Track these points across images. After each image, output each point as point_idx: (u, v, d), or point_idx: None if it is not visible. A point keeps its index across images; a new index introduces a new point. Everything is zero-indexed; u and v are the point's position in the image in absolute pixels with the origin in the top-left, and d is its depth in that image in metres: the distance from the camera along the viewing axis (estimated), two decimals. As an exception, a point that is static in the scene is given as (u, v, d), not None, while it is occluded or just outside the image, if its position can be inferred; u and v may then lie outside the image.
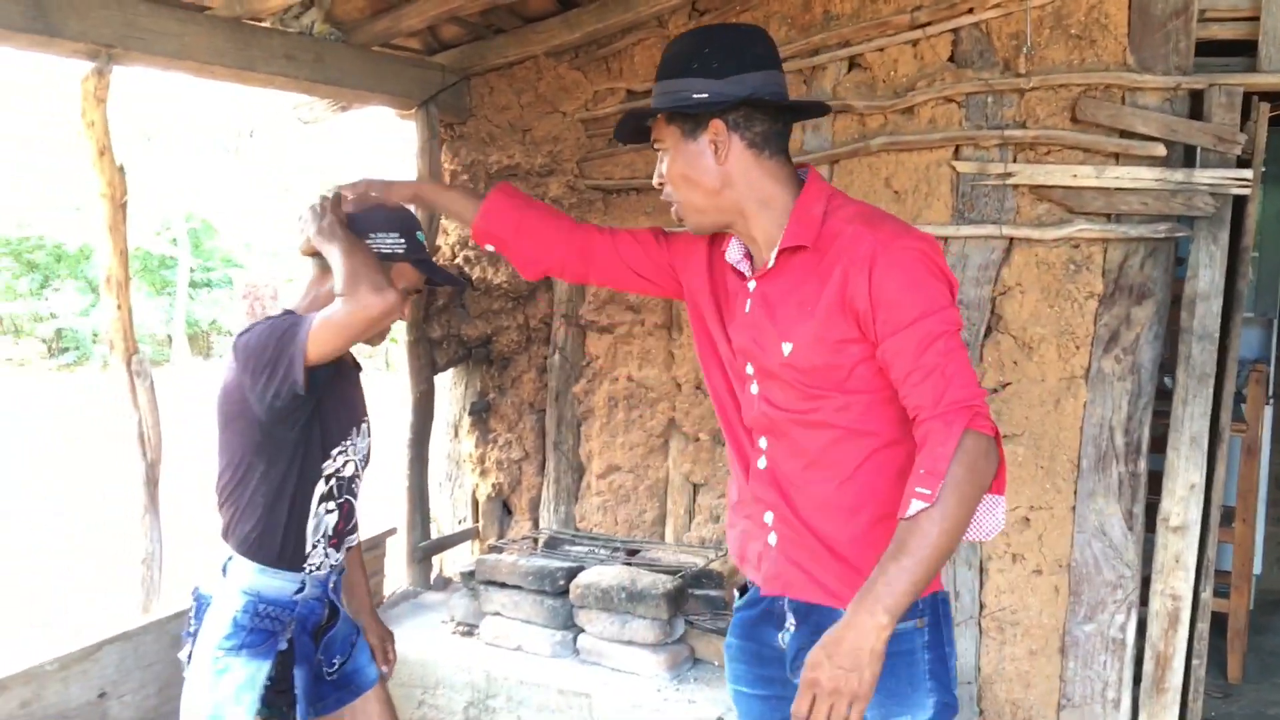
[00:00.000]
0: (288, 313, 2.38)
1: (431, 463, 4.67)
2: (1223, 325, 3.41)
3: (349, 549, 2.60)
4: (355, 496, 2.54)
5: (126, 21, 3.17)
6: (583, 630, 3.77)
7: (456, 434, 4.92)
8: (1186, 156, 3.44)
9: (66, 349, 22.25)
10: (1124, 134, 3.44)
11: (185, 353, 22.29)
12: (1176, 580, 3.43)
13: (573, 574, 3.84)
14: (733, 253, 1.99)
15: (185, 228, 22.22)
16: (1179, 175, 3.36)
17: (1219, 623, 4.47)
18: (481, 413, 4.71)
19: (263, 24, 3.64)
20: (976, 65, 3.63)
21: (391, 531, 4.53)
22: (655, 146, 1.95)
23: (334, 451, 2.43)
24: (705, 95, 1.82)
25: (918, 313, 1.70)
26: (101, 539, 7.52)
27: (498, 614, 3.92)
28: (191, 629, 2.39)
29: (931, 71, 3.68)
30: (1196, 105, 3.41)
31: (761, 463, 1.96)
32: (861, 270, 1.74)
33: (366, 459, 2.57)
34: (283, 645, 2.39)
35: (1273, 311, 5.54)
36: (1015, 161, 3.58)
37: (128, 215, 3.32)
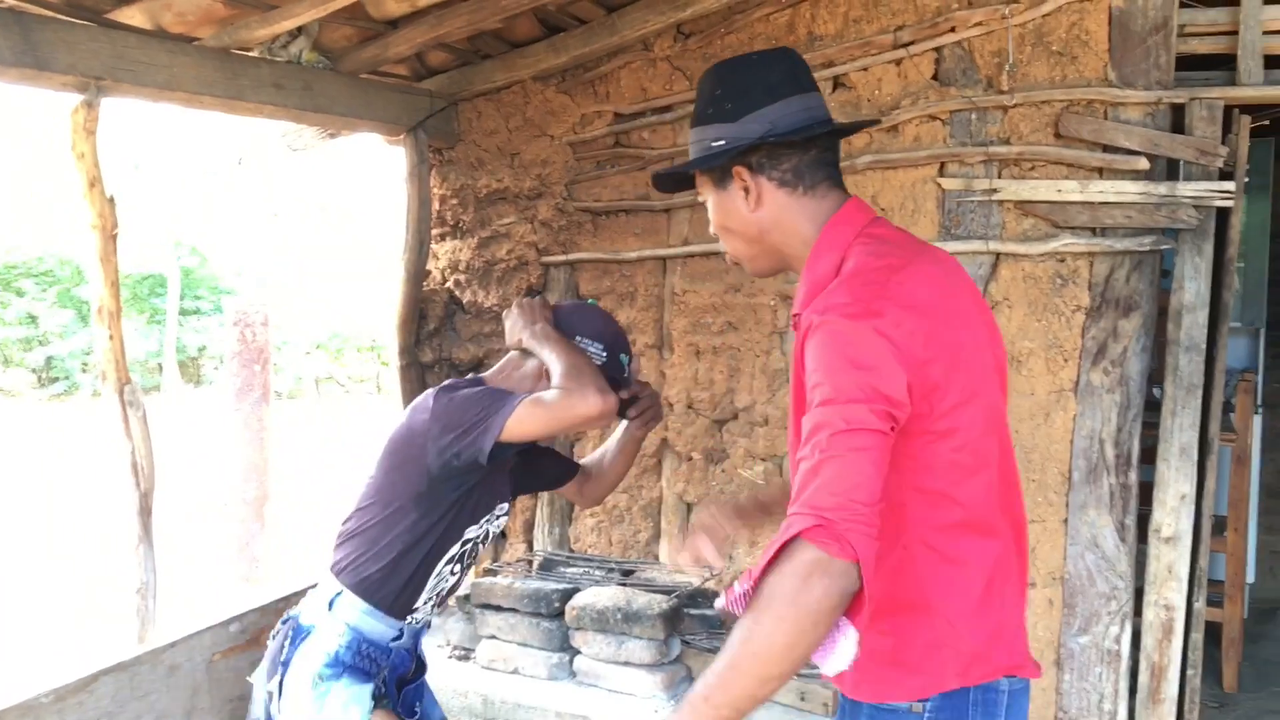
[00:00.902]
0: (477, 380, 2.43)
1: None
2: (1209, 336, 3.44)
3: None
4: (469, 566, 2.54)
5: (116, 54, 3.19)
6: (579, 652, 3.77)
7: (450, 458, 4.92)
8: (1169, 170, 3.47)
9: (56, 379, 22.17)
10: (1107, 148, 3.47)
11: (176, 380, 22.22)
12: (1170, 591, 3.45)
13: (568, 596, 3.84)
14: (797, 303, 1.80)
15: (175, 255, 22.20)
16: (1162, 188, 3.39)
17: (1213, 632, 4.49)
18: (474, 436, 4.71)
19: (251, 54, 3.66)
20: (960, 83, 3.66)
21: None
22: (699, 198, 1.86)
23: (482, 519, 2.43)
24: (722, 142, 1.72)
25: (817, 398, 1.52)
26: (96, 569, 7.49)
27: (494, 637, 3.92)
28: (283, 657, 2.34)
29: (915, 90, 3.71)
30: (1178, 119, 3.45)
31: None
32: (803, 345, 1.60)
33: (494, 535, 2.59)
34: (378, 687, 2.36)
35: (1259, 321, 5.57)
36: (1000, 177, 3.61)
37: (118, 246, 3.33)
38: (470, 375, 2.48)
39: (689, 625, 3.84)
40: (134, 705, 3.25)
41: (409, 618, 2.40)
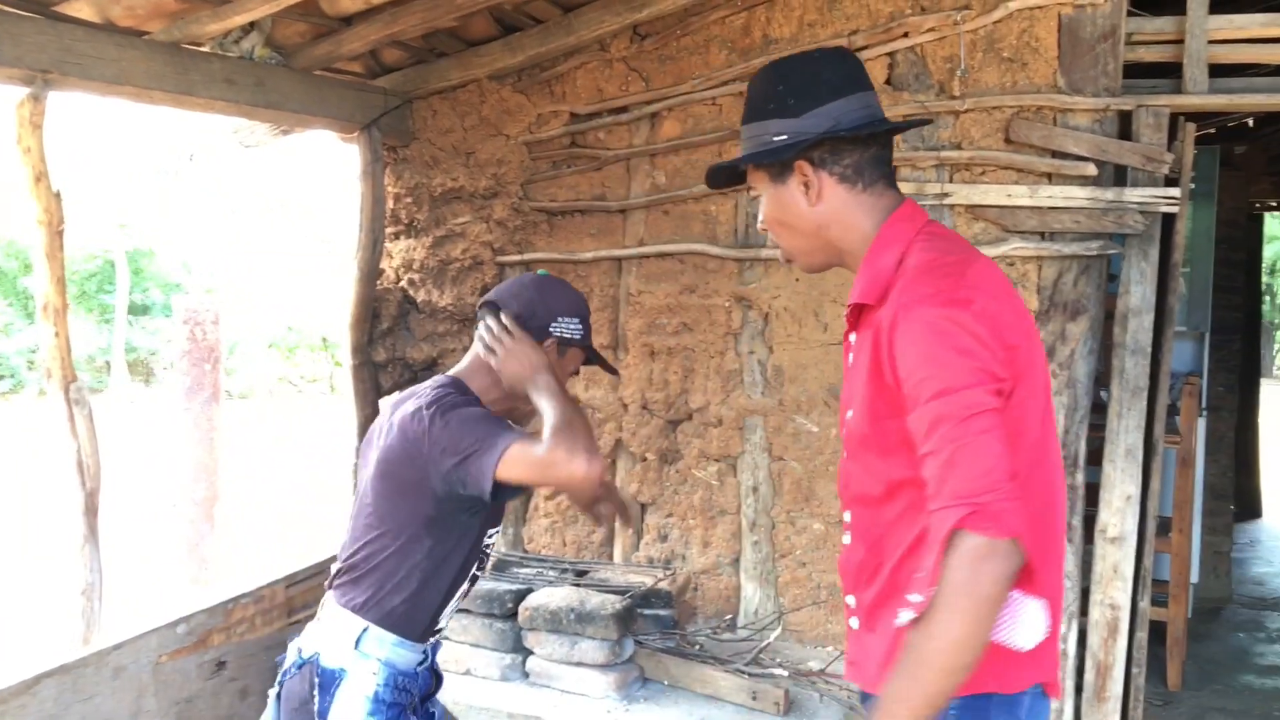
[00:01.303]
0: (462, 388, 2.34)
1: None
2: (1155, 339, 3.50)
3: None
4: (474, 580, 2.47)
5: (63, 47, 3.14)
6: (532, 653, 3.76)
7: (403, 458, 4.89)
8: (1117, 176, 3.53)
9: (1, 376, 21.78)
10: (1056, 154, 3.52)
11: (125, 379, 21.91)
12: (1115, 590, 3.50)
13: (521, 596, 3.83)
14: (856, 294, 1.80)
15: (123, 252, 21.88)
16: (1110, 194, 3.44)
17: (1158, 631, 4.56)
18: (428, 436, 4.68)
19: (202, 49, 3.62)
20: (912, 88, 3.70)
21: (335, 559, 4.49)
22: (750, 194, 1.85)
23: (492, 531, 2.39)
24: (785, 136, 1.72)
25: (931, 391, 1.52)
26: (39, 570, 7.37)
27: (446, 638, 3.90)
28: (317, 707, 2.26)
29: (869, 94, 3.74)
30: (1125, 126, 3.51)
31: (846, 538, 1.84)
32: (884, 338, 1.61)
33: (494, 550, 2.60)
34: (413, 718, 2.32)
35: (1204, 325, 5.67)
36: (951, 182, 3.65)
37: (64, 242, 3.28)
38: (449, 377, 2.38)
39: (642, 625, 3.84)
40: (77, 708, 3.20)
41: (431, 639, 2.36)
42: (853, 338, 1.81)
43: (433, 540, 2.27)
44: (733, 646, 3.82)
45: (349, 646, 2.28)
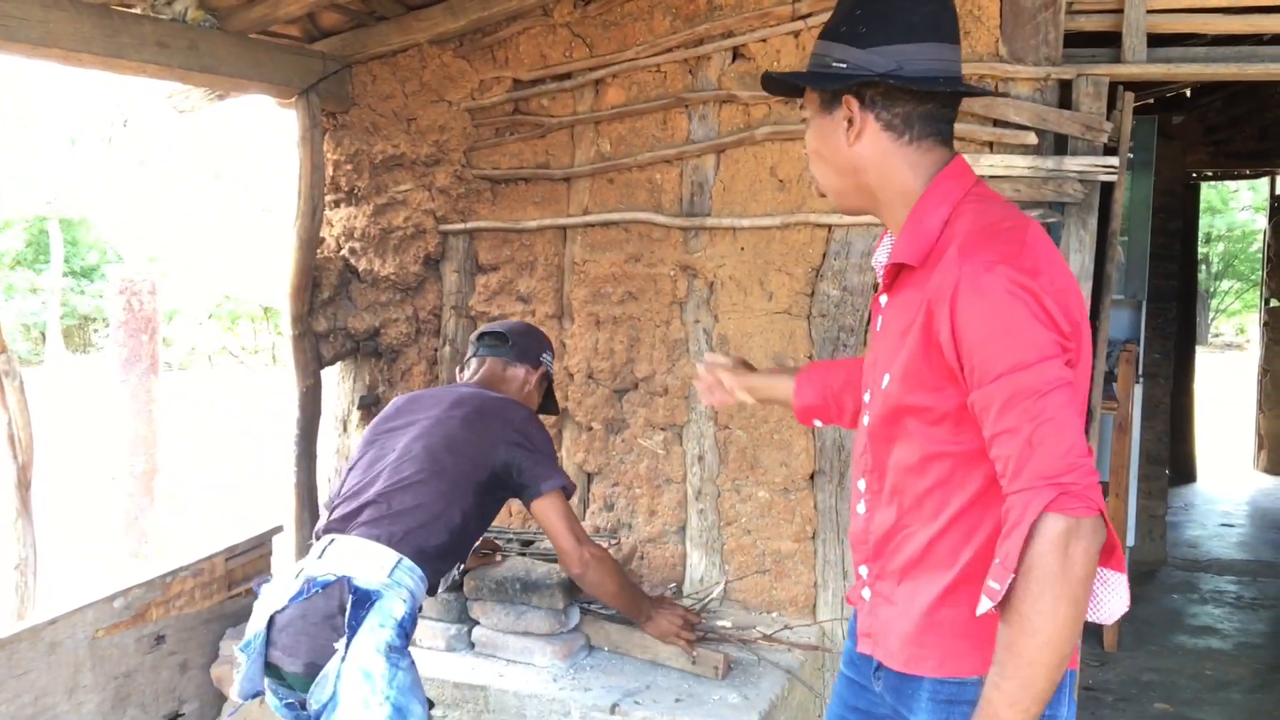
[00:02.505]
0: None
1: (320, 458, 4.59)
2: (1093, 307, 3.54)
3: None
4: None
5: (-15, 7, 3.04)
6: (478, 623, 3.75)
7: (345, 429, 4.84)
8: (1057, 145, 3.55)
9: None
10: (997, 123, 3.54)
11: (60, 349, 21.49)
12: (1053, 554, 3.55)
13: (466, 567, 3.82)
14: (880, 254, 1.79)
15: (57, 222, 21.40)
16: (1050, 163, 3.47)
17: (1094, 594, 4.65)
18: (370, 406, 4.64)
19: (133, 10, 3.52)
20: (857, 55, 3.69)
21: (278, 529, 4.44)
22: (801, 115, 1.77)
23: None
24: (844, 65, 1.62)
25: (1004, 366, 1.45)
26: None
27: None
28: (346, 619, 2.39)
29: (813, 61, 3.73)
30: (1066, 95, 3.53)
31: (861, 507, 1.81)
32: (943, 306, 1.52)
33: None
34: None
35: (1141, 294, 5.77)
36: (895, 150, 3.65)
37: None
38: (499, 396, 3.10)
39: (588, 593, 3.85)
40: (11, 684, 3.14)
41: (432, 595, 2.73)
42: (883, 300, 1.75)
43: (474, 500, 2.74)
44: (678, 614, 3.83)
45: (384, 573, 2.48)
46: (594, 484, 4.26)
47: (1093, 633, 4.73)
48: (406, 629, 2.46)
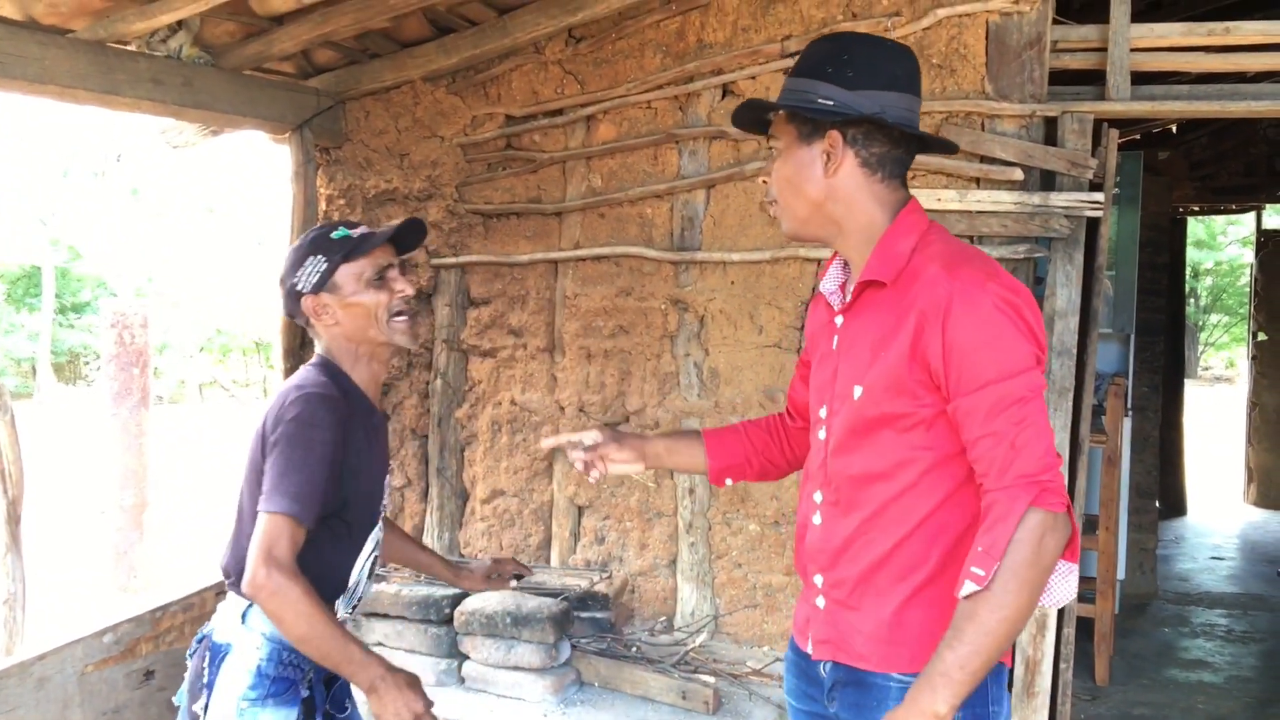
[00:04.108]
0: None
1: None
2: (1080, 341, 3.57)
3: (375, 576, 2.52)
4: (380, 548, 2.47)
5: (-18, 44, 3.07)
6: (467, 657, 3.74)
7: (337, 462, 4.84)
8: (1043, 180, 3.59)
9: (-79, 382, 21.15)
10: (984, 159, 3.58)
11: (51, 381, 21.42)
12: (1043, 587, 3.55)
13: (457, 601, 3.81)
14: (828, 282, 1.91)
15: (51, 255, 21.40)
16: (1036, 198, 3.51)
17: (1086, 627, 4.66)
18: (362, 440, 4.64)
19: (128, 47, 3.55)
20: (845, 92, 3.74)
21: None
22: (770, 143, 1.87)
23: (379, 515, 2.39)
24: (831, 103, 1.74)
25: (992, 374, 1.61)
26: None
27: (380, 644, 3.86)
28: (206, 680, 2.25)
29: (802, 98, 3.78)
30: (1051, 131, 3.58)
31: (817, 518, 1.88)
32: (935, 318, 1.65)
33: (388, 507, 2.53)
34: (305, 693, 2.29)
35: (1129, 327, 5.80)
36: (883, 185, 3.69)
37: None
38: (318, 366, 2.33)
39: (579, 628, 3.84)
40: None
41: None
42: (839, 320, 1.86)
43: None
44: (669, 648, 3.83)
45: (236, 621, 2.27)
46: (585, 517, 4.27)
47: (1083, 666, 4.72)
48: (268, 672, 2.23)
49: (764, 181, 1.90)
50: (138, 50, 3.57)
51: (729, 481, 2.23)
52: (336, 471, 2.19)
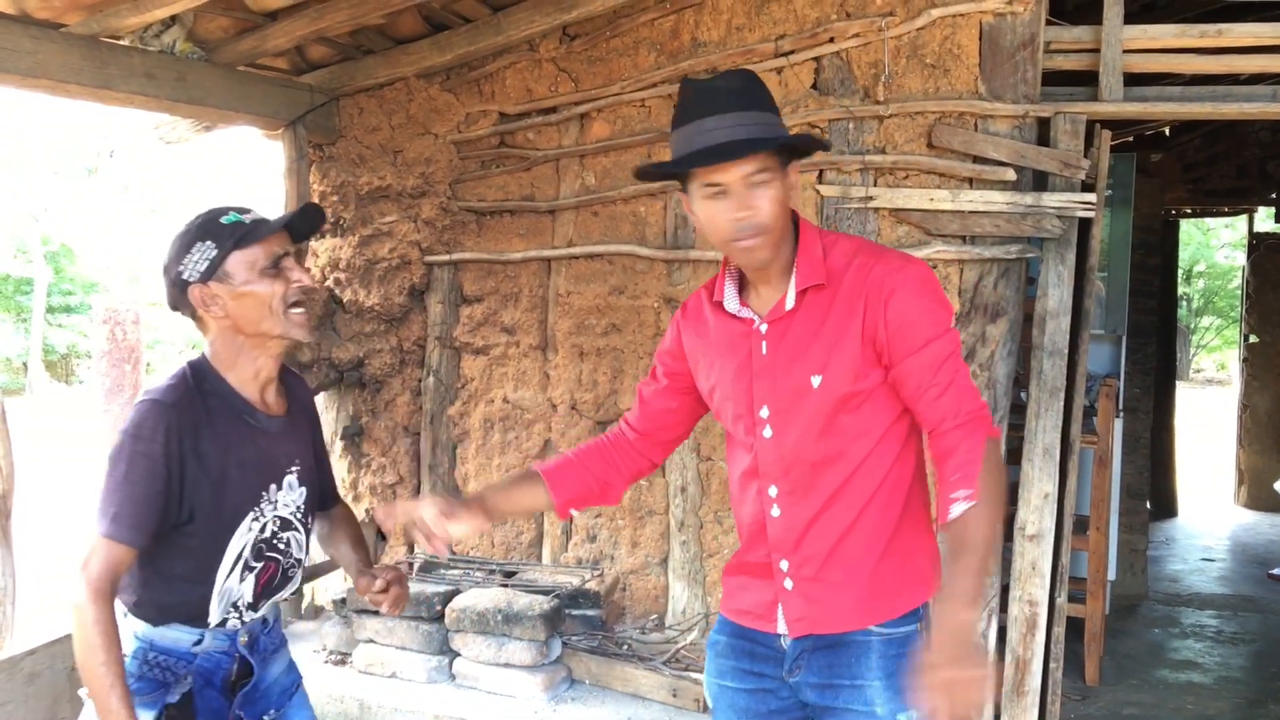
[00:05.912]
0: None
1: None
2: (1072, 341, 3.58)
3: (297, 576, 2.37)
4: (283, 553, 2.29)
5: (-25, 38, 3.06)
6: (459, 654, 3.74)
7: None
8: (1036, 181, 3.60)
9: (-89, 379, 21.12)
10: (977, 159, 3.59)
11: (43, 379, 21.37)
12: (1033, 587, 3.57)
13: (449, 598, 3.81)
14: (731, 302, 2.01)
15: (42, 251, 21.34)
16: (1028, 199, 3.51)
17: (1076, 627, 4.66)
18: (354, 437, 4.64)
19: (121, 42, 3.54)
20: (838, 93, 3.75)
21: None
22: (753, 175, 1.81)
23: (246, 521, 2.20)
24: (785, 133, 1.89)
25: (931, 334, 1.85)
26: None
27: (371, 641, 3.86)
28: None
29: (795, 99, 3.78)
30: (1044, 132, 3.58)
31: (775, 510, 1.97)
32: (878, 300, 1.86)
33: (302, 509, 2.33)
34: (172, 698, 2.17)
35: (1121, 329, 5.80)
36: (875, 185, 3.70)
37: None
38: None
39: (570, 626, 3.84)
40: (-11, 716, 3.12)
41: (207, 624, 2.20)
42: (764, 328, 1.94)
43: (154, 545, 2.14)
44: (660, 646, 3.83)
45: (121, 617, 2.16)
46: (577, 515, 4.26)
47: (1073, 666, 4.73)
48: (132, 670, 2.12)
49: (745, 215, 1.83)
50: (131, 45, 3.57)
51: (574, 512, 2.31)
52: (175, 485, 2.06)
